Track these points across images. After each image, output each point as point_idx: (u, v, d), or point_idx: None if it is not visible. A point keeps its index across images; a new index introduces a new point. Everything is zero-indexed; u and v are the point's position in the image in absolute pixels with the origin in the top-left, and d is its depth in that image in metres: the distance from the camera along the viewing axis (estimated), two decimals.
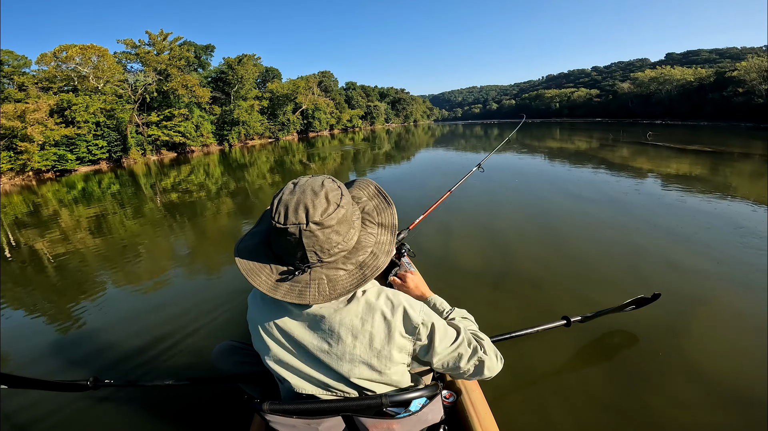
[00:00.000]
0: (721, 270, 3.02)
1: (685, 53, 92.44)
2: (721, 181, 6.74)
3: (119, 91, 25.89)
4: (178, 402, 1.96)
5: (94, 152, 23.21)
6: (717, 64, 61.39)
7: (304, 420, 0.89)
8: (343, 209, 0.81)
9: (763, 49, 63.56)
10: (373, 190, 0.97)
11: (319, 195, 0.79)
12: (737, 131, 22.46)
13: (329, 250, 0.80)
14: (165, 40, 28.69)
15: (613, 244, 3.76)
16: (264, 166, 16.19)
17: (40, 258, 4.87)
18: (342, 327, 0.86)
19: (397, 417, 0.91)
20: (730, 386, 1.79)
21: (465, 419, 1.17)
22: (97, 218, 7.20)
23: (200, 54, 38.38)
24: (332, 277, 0.81)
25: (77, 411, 1.94)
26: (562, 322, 1.86)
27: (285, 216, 0.78)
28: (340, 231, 0.81)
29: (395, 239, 0.92)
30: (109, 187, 13.17)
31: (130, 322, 2.90)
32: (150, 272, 4.03)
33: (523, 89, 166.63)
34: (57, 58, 23.72)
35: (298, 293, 0.80)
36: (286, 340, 0.90)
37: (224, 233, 5.56)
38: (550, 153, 13.33)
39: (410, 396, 0.91)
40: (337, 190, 0.83)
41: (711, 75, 44.51)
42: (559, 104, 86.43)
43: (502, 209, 5.50)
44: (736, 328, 2.25)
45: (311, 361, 0.90)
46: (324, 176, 0.87)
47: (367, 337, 0.86)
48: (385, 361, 0.88)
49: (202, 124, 31.35)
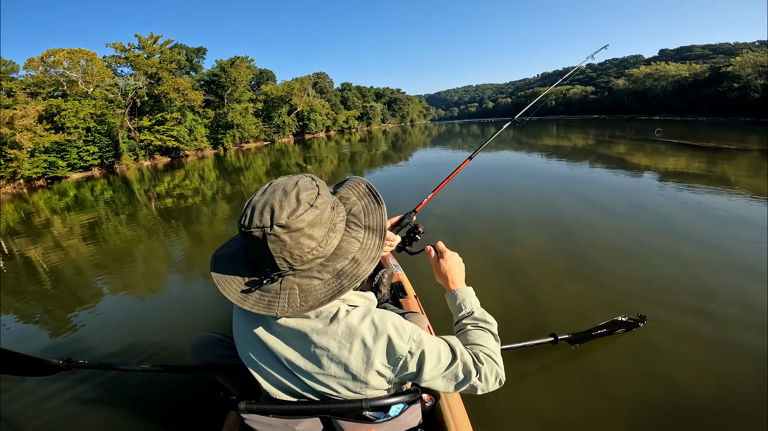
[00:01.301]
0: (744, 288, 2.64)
1: (679, 49, 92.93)
2: (749, 182, 6.04)
3: (109, 96, 25.41)
4: (155, 389, 1.93)
5: (86, 158, 22.78)
6: (711, 59, 61.66)
7: (282, 419, 0.88)
8: (316, 210, 0.73)
9: (755, 44, 63.97)
10: (363, 189, 0.90)
11: (290, 195, 0.72)
12: (737, 126, 22.28)
13: (301, 257, 0.73)
14: (155, 43, 28.27)
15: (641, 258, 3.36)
16: (260, 169, 16.02)
17: (32, 265, 4.77)
18: (317, 349, 0.80)
19: (376, 421, 0.88)
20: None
21: (442, 423, 1.17)
22: (90, 225, 7.10)
23: (192, 57, 37.95)
24: (305, 287, 0.75)
25: (49, 393, 1.90)
26: (549, 339, 1.87)
27: (250, 219, 0.71)
28: (313, 235, 0.73)
29: (384, 243, 0.83)
30: (102, 193, 12.99)
31: (117, 314, 2.98)
32: (143, 275, 4.03)
33: (518, 87, 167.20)
34: (45, 62, 23.32)
35: (267, 304, 0.74)
36: (262, 348, 0.85)
37: (216, 237, 5.47)
38: (558, 152, 12.59)
39: (390, 402, 0.87)
40: (313, 189, 0.75)
41: (706, 70, 44.56)
42: (555, 101, 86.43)
43: (512, 213, 5.17)
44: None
45: (285, 373, 0.85)
46: (303, 175, 0.80)
47: (342, 362, 0.79)
48: (360, 385, 0.82)
49: (196, 127, 30.93)
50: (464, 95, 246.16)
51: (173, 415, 1.77)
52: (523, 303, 2.63)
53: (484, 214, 5.15)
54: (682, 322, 2.28)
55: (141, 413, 1.79)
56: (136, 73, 27.19)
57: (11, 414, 1.83)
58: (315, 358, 0.80)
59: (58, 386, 1.94)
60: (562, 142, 16.67)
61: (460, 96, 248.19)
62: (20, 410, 1.84)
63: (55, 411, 1.82)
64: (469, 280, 1.15)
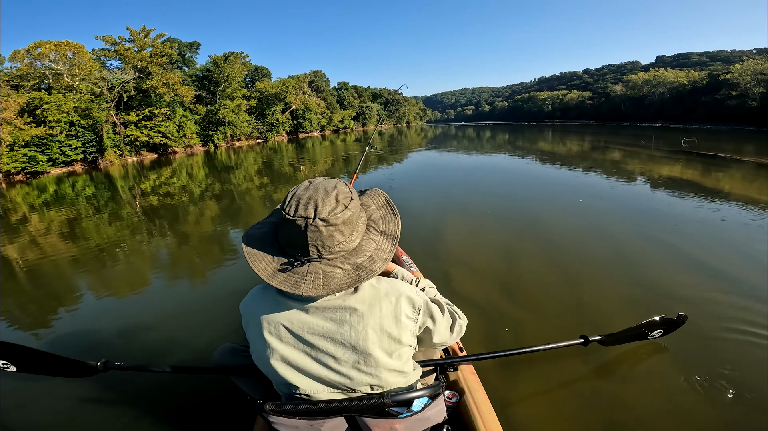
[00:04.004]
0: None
1: (676, 56, 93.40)
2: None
3: (95, 89, 24.47)
4: (187, 393, 1.95)
5: (68, 153, 21.85)
6: (708, 66, 61.75)
7: (307, 420, 0.91)
8: (349, 211, 0.85)
9: (753, 51, 64.32)
10: (382, 201, 1.01)
11: (331, 195, 0.84)
12: (745, 135, 21.77)
13: (330, 248, 0.84)
14: (147, 37, 27.32)
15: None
16: (251, 167, 15.58)
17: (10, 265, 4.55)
18: (353, 315, 0.89)
19: (400, 416, 0.92)
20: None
21: (469, 419, 1.16)
22: (69, 222, 6.92)
23: (185, 51, 37.05)
24: (328, 273, 0.84)
25: (85, 394, 1.97)
26: (579, 341, 1.81)
27: (295, 209, 0.83)
28: (343, 231, 0.85)
29: (395, 249, 0.93)
30: (84, 189, 12.64)
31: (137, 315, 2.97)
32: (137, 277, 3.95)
33: (515, 91, 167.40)
34: (31, 54, 22.47)
35: (294, 284, 0.83)
36: (291, 335, 0.91)
37: (207, 239, 5.24)
38: (596, 166, 10.24)
39: (412, 396, 0.93)
40: (348, 194, 0.88)
41: (704, 78, 44.50)
42: (552, 106, 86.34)
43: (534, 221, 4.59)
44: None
45: (316, 354, 0.91)
46: (338, 179, 0.91)
47: (377, 321, 0.89)
48: (395, 344, 0.91)
49: (186, 124, 29.97)
50: (461, 98, 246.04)
51: (202, 417, 1.79)
52: (554, 305, 2.62)
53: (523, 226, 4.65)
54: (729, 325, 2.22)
55: (170, 414, 1.83)
56: (124, 67, 26.24)
57: (50, 412, 1.90)
58: (351, 325, 0.88)
59: (92, 387, 2.01)
60: (589, 153, 14.12)
61: (457, 98, 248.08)
62: (54, 409, 1.91)
63: (91, 411, 1.89)
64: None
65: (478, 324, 2.41)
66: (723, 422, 1.59)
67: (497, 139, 27.01)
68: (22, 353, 1.50)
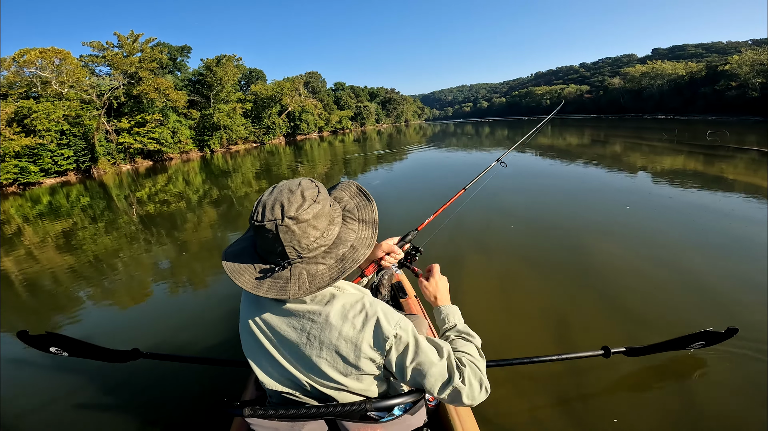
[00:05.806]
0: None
1: (672, 48, 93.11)
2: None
3: (84, 97, 23.94)
4: (202, 380, 2.22)
5: (60, 163, 21.41)
6: (704, 58, 61.37)
7: (288, 422, 0.91)
8: (318, 205, 0.81)
9: (749, 42, 64.03)
10: (354, 190, 0.98)
11: (295, 192, 0.81)
12: (749, 125, 21.27)
13: (308, 245, 0.81)
14: (136, 42, 26.80)
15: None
16: (249, 172, 15.32)
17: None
18: (312, 331, 0.86)
19: (381, 421, 0.91)
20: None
21: (448, 422, 1.18)
22: (65, 234, 6.88)
23: (175, 56, 36.46)
24: (312, 272, 0.82)
25: (119, 380, 2.29)
26: (599, 352, 1.71)
27: (262, 214, 0.80)
28: (317, 226, 0.81)
29: (376, 233, 0.91)
30: (78, 199, 12.46)
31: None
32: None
33: (512, 87, 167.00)
34: (17, 62, 21.91)
35: (280, 289, 0.81)
36: (262, 337, 0.91)
37: (206, 245, 5.34)
38: (622, 165, 9.35)
39: (394, 402, 0.91)
40: (314, 189, 0.84)
41: (702, 69, 44.11)
42: (550, 101, 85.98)
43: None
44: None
45: (283, 361, 0.91)
46: (302, 178, 0.87)
47: (333, 344, 0.85)
48: (351, 369, 0.86)
49: (180, 129, 29.50)
50: (458, 95, 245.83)
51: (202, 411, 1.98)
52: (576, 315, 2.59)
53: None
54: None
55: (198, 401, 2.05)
56: (113, 73, 25.70)
57: (90, 393, 2.23)
58: (310, 341, 0.86)
59: (123, 374, 2.28)
60: (609, 148, 13.26)
61: (455, 96, 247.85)
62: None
63: (125, 396, 2.18)
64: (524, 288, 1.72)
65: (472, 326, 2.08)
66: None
67: (496, 135, 26.59)
68: (72, 343, 1.80)
